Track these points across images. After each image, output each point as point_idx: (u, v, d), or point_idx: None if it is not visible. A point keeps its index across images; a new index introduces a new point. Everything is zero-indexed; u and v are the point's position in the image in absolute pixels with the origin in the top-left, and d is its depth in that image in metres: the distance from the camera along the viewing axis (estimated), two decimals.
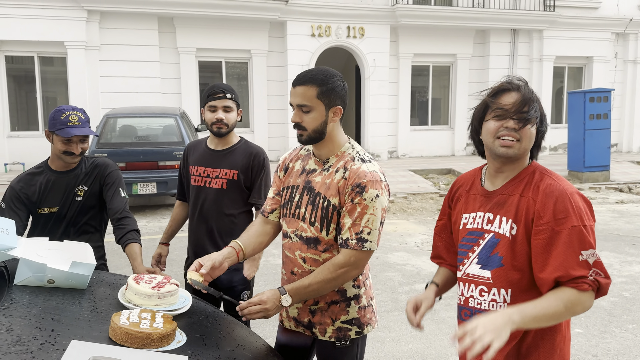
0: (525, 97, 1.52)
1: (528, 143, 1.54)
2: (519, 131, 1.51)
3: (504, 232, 1.55)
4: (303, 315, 1.90)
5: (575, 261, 1.44)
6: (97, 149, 7.73)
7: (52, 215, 2.50)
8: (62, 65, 12.07)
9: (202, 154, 2.71)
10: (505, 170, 1.59)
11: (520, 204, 1.54)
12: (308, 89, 1.76)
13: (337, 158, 1.84)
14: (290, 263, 1.90)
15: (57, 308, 1.57)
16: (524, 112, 1.50)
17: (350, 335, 1.87)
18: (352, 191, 1.74)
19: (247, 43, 12.88)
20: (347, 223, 1.75)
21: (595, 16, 14.99)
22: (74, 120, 2.38)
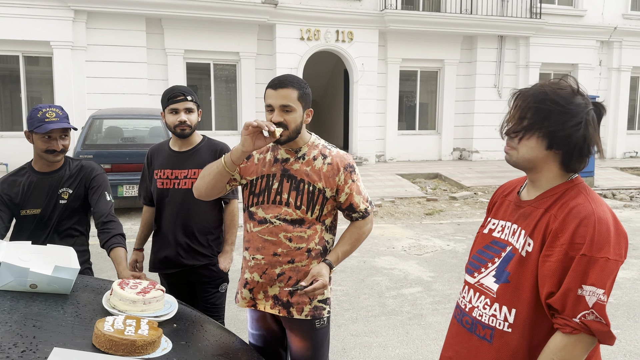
0: (520, 102, 1.44)
1: (528, 153, 1.43)
2: (514, 140, 1.44)
3: (519, 247, 1.44)
4: (283, 294, 2.03)
5: (572, 295, 1.29)
6: (83, 150, 7.63)
7: (36, 217, 2.45)
8: (47, 65, 11.93)
9: (167, 157, 2.73)
10: (533, 179, 1.49)
11: (541, 219, 1.41)
12: (291, 91, 1.96)
13: (308, 147, 2.06)
14: (271, 246, 2.02)
15: (39, 314, 1.53)
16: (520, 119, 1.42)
17: (324, 315, 2.07)
18: (346, 171, 2.02)
19: (235, 45, 12.85)
20: (359, 199, 2.06)
21: (581, 24, 15.21)
22: (51, 117, 2.35)
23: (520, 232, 1.46)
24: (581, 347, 1.30)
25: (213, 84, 13.22)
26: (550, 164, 1.43)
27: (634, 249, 6.38)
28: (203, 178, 2.05)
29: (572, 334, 1.30)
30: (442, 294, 4.78)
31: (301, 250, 2.01)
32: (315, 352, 2.08)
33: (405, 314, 4.31)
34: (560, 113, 1.37)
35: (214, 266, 2.75)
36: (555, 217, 1.38)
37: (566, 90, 1.41)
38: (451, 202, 9.69)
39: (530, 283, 1.40)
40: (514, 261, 1.44)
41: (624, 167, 13.82)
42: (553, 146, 1.40)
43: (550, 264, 1.35)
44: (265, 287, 2.05)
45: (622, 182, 11.62)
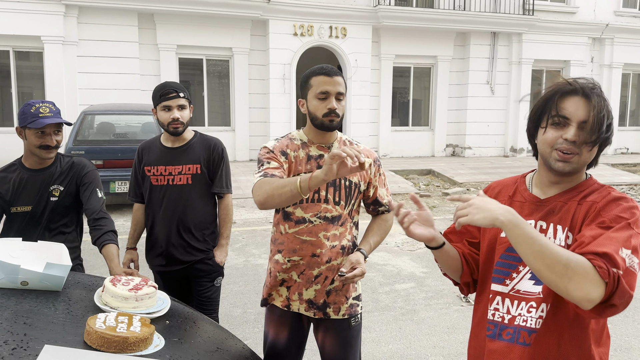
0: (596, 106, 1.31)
1: (589, 157, 1.36)
2: (580, 146, 1.33)
3: (559, 241, 1.37)
4: (319, 297, 2.01)
5: (614, 248, 1.21)
6: (75, 146, 7.58)
7: (27, 215, 2.43)
8: (38, 60, 11.82)
9: (159, 153, 2.72)
10: (562, 182, 1.42)
11: (577, 211, 1.36)
12: (341, 79, 1.98)
13: (338, 142, 2.06)
14: (310, 247, 1.99)
15: (30, 311, 1.52)
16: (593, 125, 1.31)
17: (358, 311, 2.08)
18: (376, 164, 2.09)
19: (228, 41, 12.79)
20: (384, 192, 2.12)
21: (573, 21, 15.28)
22: (45, 112, 2.33)
23: (555, 227, 1.39)
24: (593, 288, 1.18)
25: (206, 80, 13.16)
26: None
27: None
28: (272, 197, 1.78)
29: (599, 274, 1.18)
30: (435, 289, 4.80)
31: (336, 248, 2.01)
32: (348, 351, 2.08)
33: (398, 310, 4.32)
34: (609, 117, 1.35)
35: (210, 260, 2.76)
36: (596, 204, 1.34)
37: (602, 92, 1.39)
38: (444, 198, 9.72)
39: None
40: None
41: (615, 163, 13.92)
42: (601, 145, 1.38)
43: (591, 230, 1.29)
44: (302, 288, 2.03)
45: (613, 179, 11.71)
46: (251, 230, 7.00)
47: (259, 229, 7.11)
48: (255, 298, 4.53)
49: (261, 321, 4.06)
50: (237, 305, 4.38)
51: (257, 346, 3.59)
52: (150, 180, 2.70)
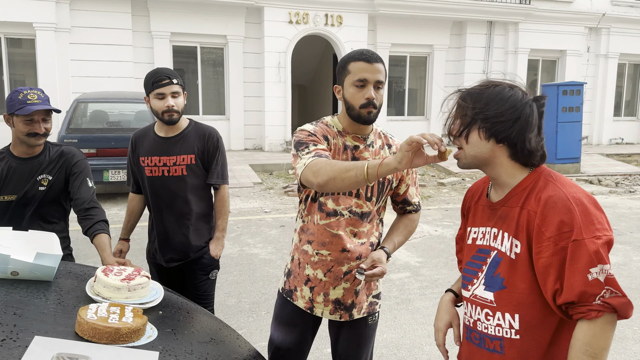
0: (462, 104, 1.42)
1: (474, 149, 1.41)
2: (461, 140, 1.43)
3: (506, 250, 1.40)
4: (347, 297, 1.94)
5: (582, 281, 1.25)
6: (67, 135, 7.51)
7: (11, 204, 2.39)
8: (30, 48, 11.68)
9: (153, 143, 2.61)
10: (493, 177, 1.46)
11: (520, 218, 1.37)
12: (382, 67, 1.81)
13: (374, 135, 1.96)
14: (340, 241, 1.89)
15: (20, 302, 1.49)
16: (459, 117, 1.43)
17: (376, 309, 2.02)
18: None
19: (223, 28, 12.67)
20: (414, 191, 2.02)
21: (570, 10, 15.22)
22: (33, 99, 2.28)
23: (502, 234, 1.42)
24: (609, 327, 1.26)
25: (200, 68, 13.05)
26: (501, 157, 1.41)
27: (619, 235, 6.46)
28: (334, 180, 1.61)
29: (597, 318, 1.25)
30: (430, 279, 4.80)
31: (365, 244, 1.93)
32: (362, 349, 2.03)
33: (394, 299, 4.33)
34: (496, 106, 1.37)
35: (205, 253, 2.69)
36: (534, 212, 1.34)
37: (502, 85, 1.41)
38: (439, 188, 9.73)
39: (527, 284, 1.36)
40: (504, 265, 1.40)
41: (610, 153, 13.96)
42: (493, 138, 1.38)
43: (543, 260, 1.31)
44: (328, 288, 1.92)
45: (608, 169, 11.74)
46: (246, 220, 6.98)
47: (253, 218, 7.09)
48: (249, 287, 4.52)
49: (256, 310, 4.05)
50: (232, 294, 4.37)
51: (252, 335, 3.59)
52: (145, 172, 2.62)
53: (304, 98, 20.36)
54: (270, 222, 6.84)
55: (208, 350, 1.47)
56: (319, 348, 3.40)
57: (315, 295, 1.94)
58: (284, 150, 13.19)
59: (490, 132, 1.38)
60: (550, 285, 1.30)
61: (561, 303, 1.29)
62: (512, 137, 1.37)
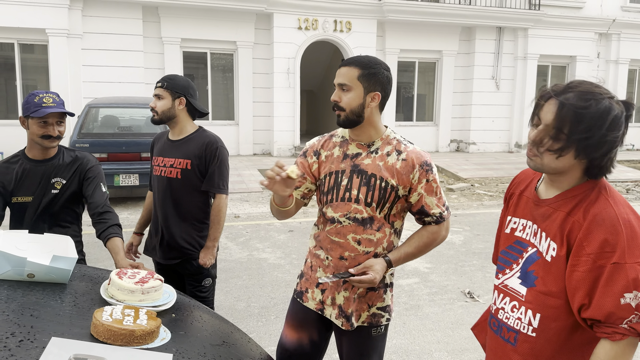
0: (562, 112, 1.29)
1: (554, 162, 1.35)
2: (541, 148, 1.36)
3: (543, 250, 1.41)
4: (347, 305, 1.92)
5: (614, 303, 1.25)
6: (79, 139, 7.59)
7: (26, 205, 2.43)
8: (43, 53, 11.82)
9: (163, 144, 2.77)
10: (553, 180, 1.43)
11: (564, 223, 1.36)
12: (351, 69, 1.83)
13: (382, 141, 1.91)
14: (338, 248, 1.90)
15: (36, 303, 1.52)
16: (557, 129, 1.31)
17: (382, 322, 1.95)
18: (422, 170, 1.86)
19: (232, 34, 12.76)
20: (433, 201, 1.89)
21: (579, 16, 15.17)
22: (48, 102, 2.34)
23: (541, 234, 1.42)
24: (630, 350, 1.28)
25: (210, 73, 13.14)
26: (576, 171, 1.38)
27: None
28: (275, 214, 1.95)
29: (621, 340, 1.27)
30: (439, 285, 4.79)
31: (369, 254, 1.88)
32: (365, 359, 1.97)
33: (402, 305, 4.32)
34: (598, 131, 1.28)
35: (194, 260, 2.71)
36: (579, 224, 1.32)
37: (603, 100, 1.30)
38: (448, 194, 9.71)
39: (557, 289, 1.37)
40: (538, 265, 1.41)
41: (620, 159, 13.85)
42: (580, 155, 1.33)
43: (578, 274, 1.31)
44: (334, 292, 1.94)
45: (619, 175, 11.65)
46: (255, 225, 7.00)
47: (262, 223, 7.11)
48: (259, 292, 4.54)
49: (265, 315, 4.06)
50: (241, 299, 4.38)
51: (261, 340, 3.60)
52: (153, 170, 2.79)
53: (312, 103, 20.42)
54: (279, 227, 6.86)
55: (220, 353, 1.49)
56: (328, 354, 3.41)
57: (325, 298, 1.95)
58: (292, 155, 13.23)
59: (580, 152, 1.32)
60: (578, 298, 1.31)
61: (586, 317, 1.31)
62: (597, 157, 1.32)
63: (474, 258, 5.63)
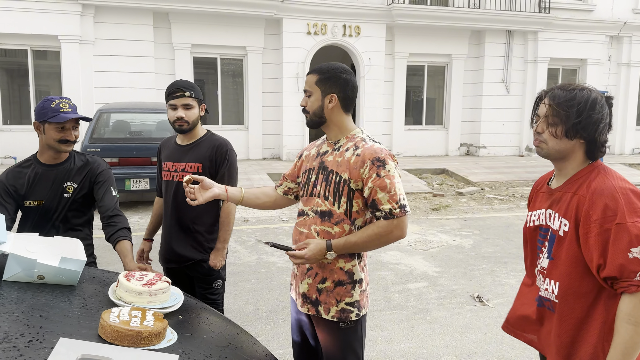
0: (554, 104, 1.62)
1: (557, 144, 1.64)
2: (543, 134, 1.65)
3: (557, 228, 1.65)
4: (311, 292, 2.03)
5: (624, 259, 1.44)
6: (90, 144, 7.67)
7: (39, 209, 2.47)
8: (55, 59, 11.98)
9: (172, 149, 2.79)
10: (560, 168, 1.70)
11: (572, 201, 1.61)
12: (311, 76, 2.03)
13: (347, 139, 2.04)
14: (304, 239, 2.05)
15: (45, 304, 1.54)
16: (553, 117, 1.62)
17: (351, 317, 2.01)
18: (373, 165, 1.90)
19: (242, 40, 12.84)
20: (385, 197, 1.89)
21: (590, 19, 15.07)
22: (65, 107, 2.40)
23: (555, 215, 1.66)
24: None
25: (220, 79, 13.23)
26: (578, 152, 1.64)
27: None
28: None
29: (638, 292, 1.44)
30: (448, 289, 4.77)
31: None
32: (343, 352, 2.03)
33: (411, 309, 4.31)
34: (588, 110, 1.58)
35: (205, 263, 2.74)
36: (584, 198, 1.56)
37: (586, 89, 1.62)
38: (458, 198, 9.66)
39: (567, 257, 1.60)
40: (557, 242, 1.65)
41: (632, 163, 13.72)
42: (576, 136, 1.61)
43: (591, 239, 1.52)
44: (298, 281, 2.08)
45: (631, 178, 11.53)
46: (264, 228, 7.02)
47: (271, 227, 7.13)
48: (267, 295, 4.55)
49: (272, 318, 4.07)
50: (250, 302, 4.40)
51: (269, 343, 3.61)
52: (162, 175, 2.81)
53: None
54: (288, 231, 6.87)
55: (226, 355, 1.50)
56: None
57: (295, 287, 2.12)
58: None
59: (579, 132, 1.60)
60: (595, 260, 1.51)
61: (604, 277, 1.50)
62: (595, 136, 1.60)
63: (484, 262, 5.60)
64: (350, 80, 2.00)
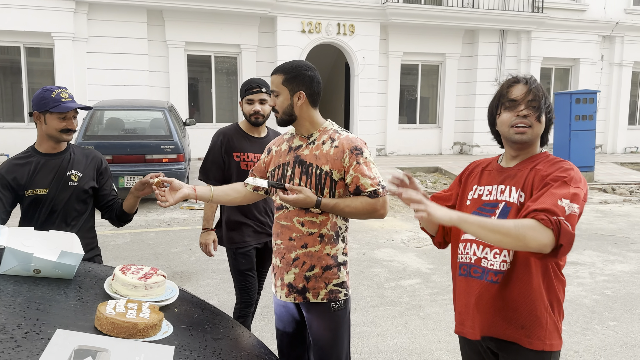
0: (531, 88, 1.72)
1: (539, 129, 1.73)
2: (529, 118, 1.71)
3: (514, 200, 1.71)
4: (298, 281, 2.09)
5: (553, 202, 1.55)
6: (84, 141, 7.65)
7: (42, 198, 2.47)
8: (49, 57, 11.93)
9: (246, 141, 2.98)
10: (521, 154, 1.78)
11: (529, 176, 1.71)
12: (276, 77, 2.10)
13: (320, 133, 2.12)
14: (287, 231, 2.11)
15: (42, 297, 1.56)
16: (532, 101, 1.70)
17: (340, 297, 2.11)
18: (352, 153, 2.02)
19: (236, 38, 12.83)
20: (367, 182, 2.02)
21: (583, 19, 15.17)
22: (65, 97, 2.44)
23: (510, 189, 1.74)
24: (540, 234, 1.50)
25: (214, 77, 13.21)
26: (538, 139, 1.77)
27: (632, 243, 6.41)
28: None
29: (543, 224, 1.51)
30: (441, 285, 4.81)
31: (313, 235, 2.07)
32: (333, 334, 2.11)
33: (404, 305, 4.34)
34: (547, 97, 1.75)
35: None
36: (543, 169, 1.69)
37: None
38: None
39: None
40: (512, 213, 1.70)
41: (624, 162, 13.82)
42: (545, 118, 1.74)
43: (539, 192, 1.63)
44: (283, 272, 2.12)
45: (622, 177, 11.63)
46: None
47: None
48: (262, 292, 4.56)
49: (266, 314, 4.09)
50: None
51: (264, 338, 3.63)
52: (239, 166, 2.95)
53: None
54: None
55: (222, 346, 1.52)
56: None
57: (277, 280, 2.16)
58: None
59: (545, 116, 1.73)
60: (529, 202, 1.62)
61: (529, 208, 1.58)
62: (548, 119, 1.75)
63: None
64: (315, 76, 2.10)
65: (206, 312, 1.77)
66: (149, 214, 7.63)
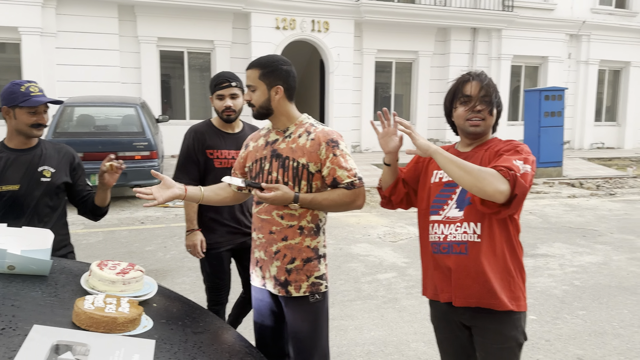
0: (484, 84, 1.91)
1: (491, 121, 1.94)
2: (482, 112, 1.90)
3: None
4: (280, 274, 2.10)
5: (509, 162, 1.73)
6: (54, 139, 7.47)
7: (14, 195, 2.41)
8: (15, 52, 11.59)
9: (219, 138, 2.87)
10: (475, 142, 1.97)
11: (484, 155, 1.89)
12: (253, 71, 2.10)
13: (296, 126, 2.13)
14: (267, 225, 2.11)
15: (17, 294, 1.53)
16: (485, 97, 1.89)
17: (321, 289, 2.13)
18: (328, 146, 2.05)
19: (210, 34, 12.70)
20: (344, 173, 2.06)
21: (551, 17, 15.53)
22: (35, 91, 2.38)
23: None
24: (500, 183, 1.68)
25: (187, 73, 13.06)
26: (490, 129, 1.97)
27: (600, 235, 6.61)
28: None
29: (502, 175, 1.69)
30: (416, 278, 4.88)
31: (293, 227, 2.08)
32: (312, 326, 2.12)
33: (380, 298, 4.39)
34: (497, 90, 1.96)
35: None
36: (495, 146, 1.89)
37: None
38: None
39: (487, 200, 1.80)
40: None
41: (591, 157, 14.22)
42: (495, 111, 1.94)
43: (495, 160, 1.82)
44: (268, 265, 2.13)
45: (589, 172, 11.97)
46: None
47: None
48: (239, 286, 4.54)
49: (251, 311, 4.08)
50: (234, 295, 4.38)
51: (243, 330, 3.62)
52: (213, 164, 2.84)
53: None
54: None
55: (202, 340, 1.52)
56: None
57: (264, 272, 2.15)
58: None
59: (496, 109, 1.93)
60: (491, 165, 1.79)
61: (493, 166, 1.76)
62: (499, 112, 1.95)
63: None
64: (291, 70, 2.11)
65: (185, 307, 1.76)
66: (122, 212, 7.51)
